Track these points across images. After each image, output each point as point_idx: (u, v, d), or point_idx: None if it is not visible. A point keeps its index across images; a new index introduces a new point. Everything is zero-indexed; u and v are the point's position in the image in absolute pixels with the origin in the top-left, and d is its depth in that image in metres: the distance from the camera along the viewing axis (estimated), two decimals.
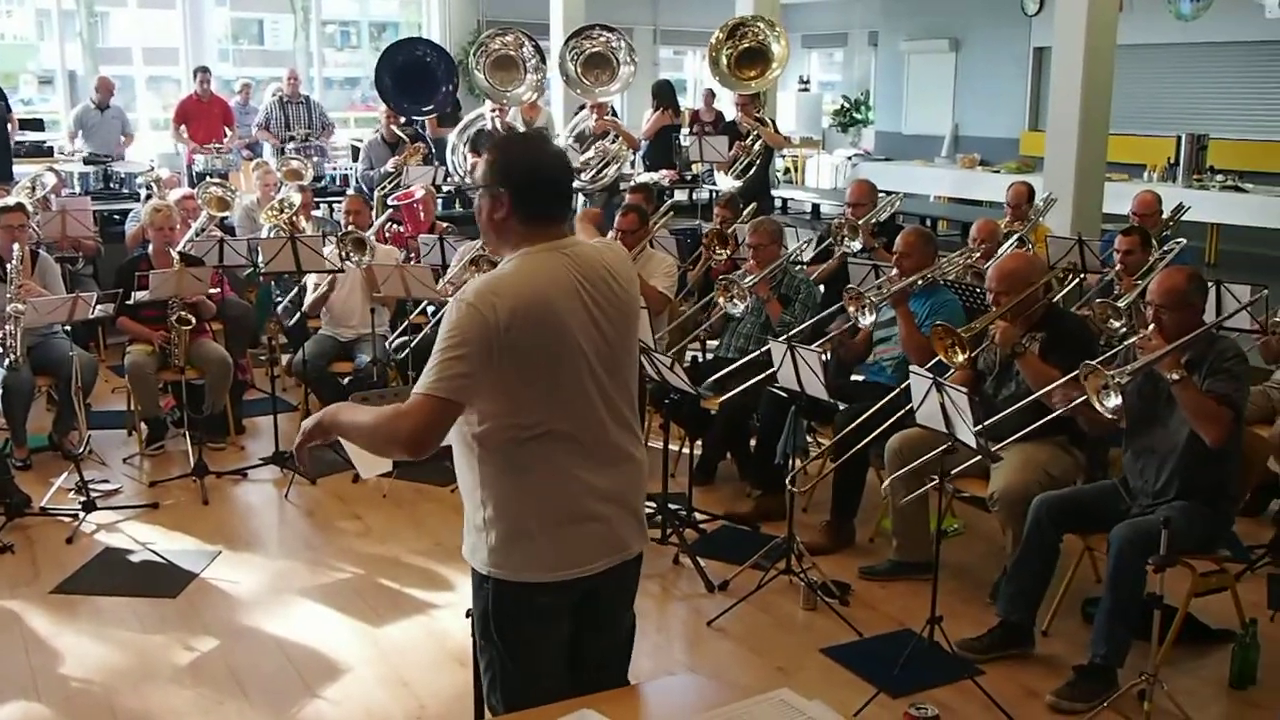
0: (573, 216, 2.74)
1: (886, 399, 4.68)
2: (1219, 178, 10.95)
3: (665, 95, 11.20)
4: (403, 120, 9.69)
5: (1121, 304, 5.22)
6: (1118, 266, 5.82)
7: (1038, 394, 4.15)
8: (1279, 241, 10.02)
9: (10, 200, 6.37)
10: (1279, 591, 4.66)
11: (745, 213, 6.99)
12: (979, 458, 4.02)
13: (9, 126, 10.00)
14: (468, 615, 3.00)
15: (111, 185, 9.99)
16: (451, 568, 4.94)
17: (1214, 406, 3.76)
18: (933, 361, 4.54)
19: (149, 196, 8.28)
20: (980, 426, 3.83)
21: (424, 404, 2.37)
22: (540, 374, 2.42)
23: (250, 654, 4.28)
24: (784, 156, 15.49)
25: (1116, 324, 5.09)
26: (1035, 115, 14.08)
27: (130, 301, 6.19)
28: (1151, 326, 3.89)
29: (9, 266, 5.85)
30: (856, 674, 4.08)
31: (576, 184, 8.84)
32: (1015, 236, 6.64)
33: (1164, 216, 6.98)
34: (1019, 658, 4.16)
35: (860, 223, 6.37)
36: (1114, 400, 3.67)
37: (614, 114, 9.74)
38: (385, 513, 5.62)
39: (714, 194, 9.54)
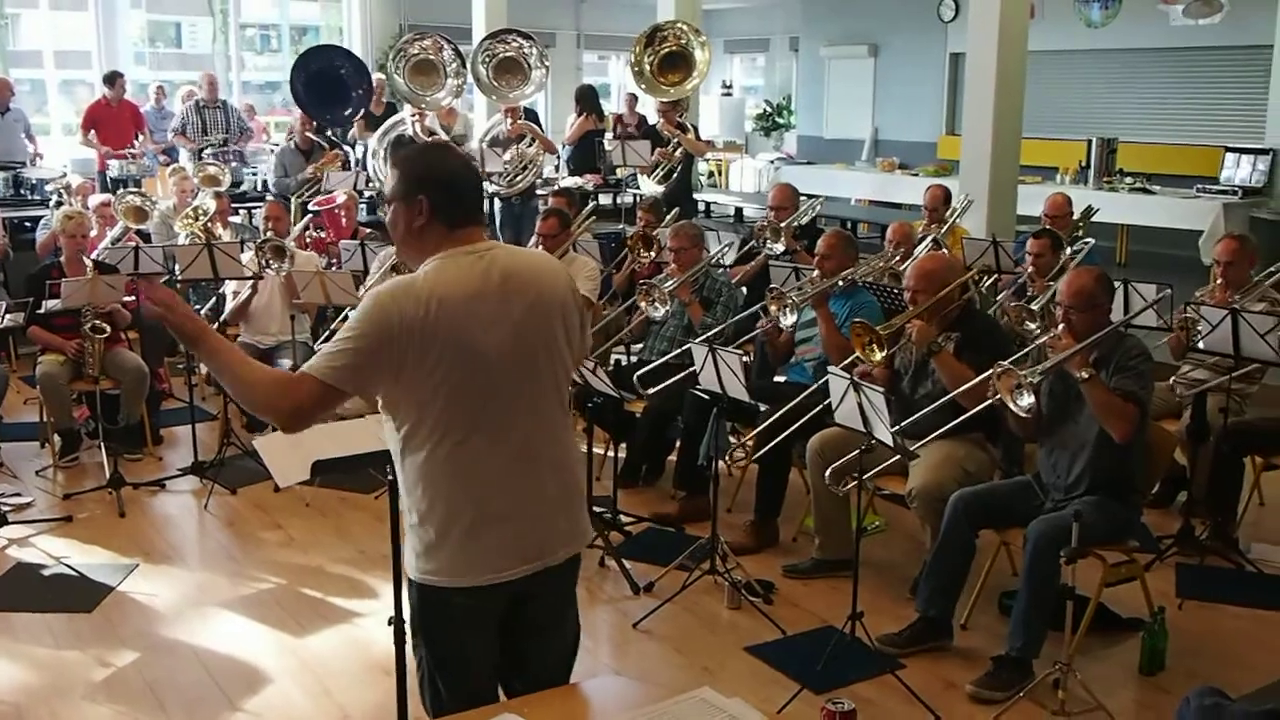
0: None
1: (800, 397, 4.75)
2: (1128, 180, 11.23)
3: (588, 100, 11.24)
4: (317, 127, 9.61)
5: (1035, 305, 5.34)
6: (1030, 269, 5.95)
7: (954, 394, 4.23)
8: (1186, 242, 10.29)
9: None
10: (1187, 580, 4.80)
11: (668, 217, 7.04)
12: (898, 456, 4.10)
13: None
14: (389, 623, 3.00)
15: (22, 191, 9.73)
16: (375, 576, 4.90)
17: (1120, 404, 3.86)
18: (850, 359, 4.62)
19: (59, 203, 8.11)
20: (899, 427, 3.90)
21: (308, 385, 2.40)
22: (452, 377, 2.43)
23: (169, 668, 4.21)
24: (707, 160, 15.58)
25: (1032, 325, 5.20)
26: (952, 119, 14.31)
27: (41, 310, 6.05)
28: (1061, 326, 4.00)
29: None
30: (780, 671, 4.13)
31: (492, 188, 8.83)
32: (930, 238, 6.76)
33: (1074, 218, 7.14)
34: (938, 651, 4.23)
35: (783, 225, 6.45)
36: (1027, 399, 3.76)
37: (534, 119, 9.74)
38: (308, 522, 5.56)
39: (638, 198, 9.57)
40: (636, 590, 4.78)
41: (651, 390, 5.19)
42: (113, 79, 10.75)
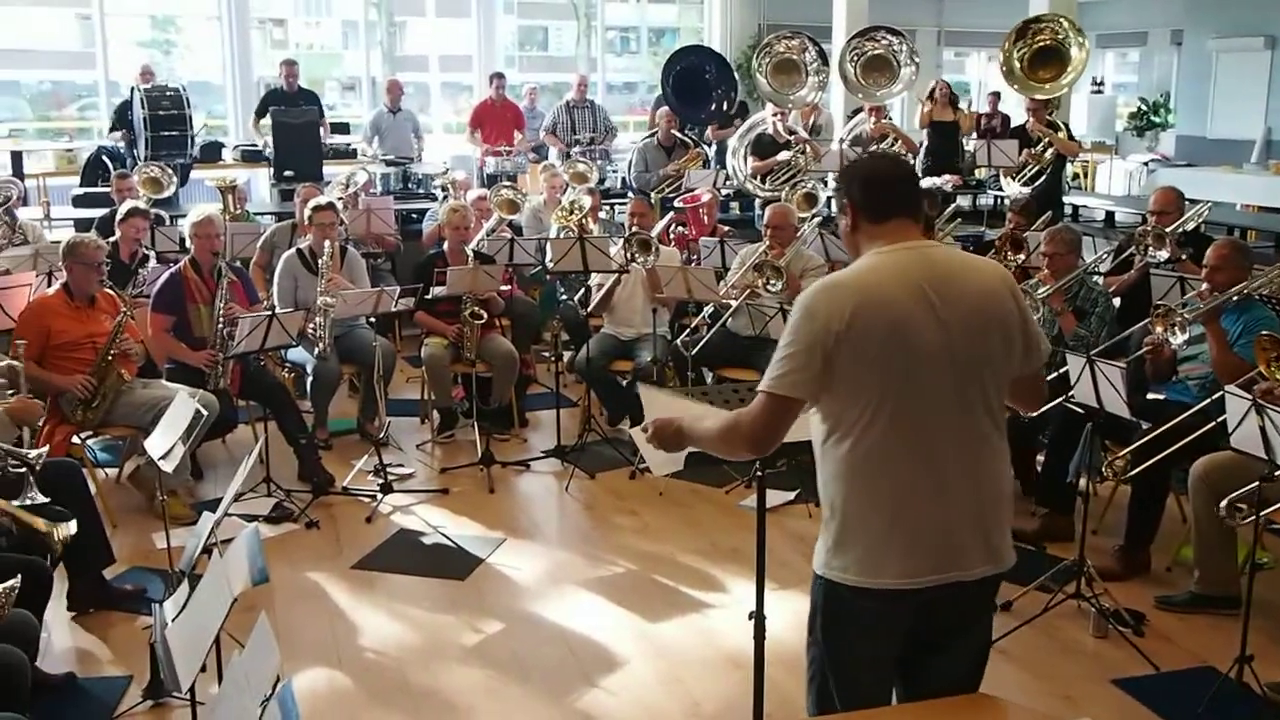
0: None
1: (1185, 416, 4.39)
2: None
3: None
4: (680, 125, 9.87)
5: None
6: None
7: None
8: None
9: (323, 199, 6.80)
10: None
11: (1040, 220, 6.71)
12: None
13: (321, 130, 10.69)
14: (750, 618, 3.01)
15: (409, 186, 10.55)
16: (726, 570, 4.96)
17: None
18: (1246, 377, 4.23)
19: (446, 197, 8.69)
20: None
21: (762, 401, 2.49)
22: (875, 372, 2.43)
23: (532, 640, 4.42)
24: (1072, 162, 14.80)
25: None
26: None
27: (428, 296, 6.51)
28: None
29: (320, 261, 6.27)
30: (1152, 710, 3.85)
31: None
32: None
33: None
34: None
35: (1166, 231, 5.99)
36: None
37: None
38: (661, 511, 5.70)
39: (999, 200, 9.19)
40: (995, 607, 4.57)
41: None
42: (495, 79, 11.44)
